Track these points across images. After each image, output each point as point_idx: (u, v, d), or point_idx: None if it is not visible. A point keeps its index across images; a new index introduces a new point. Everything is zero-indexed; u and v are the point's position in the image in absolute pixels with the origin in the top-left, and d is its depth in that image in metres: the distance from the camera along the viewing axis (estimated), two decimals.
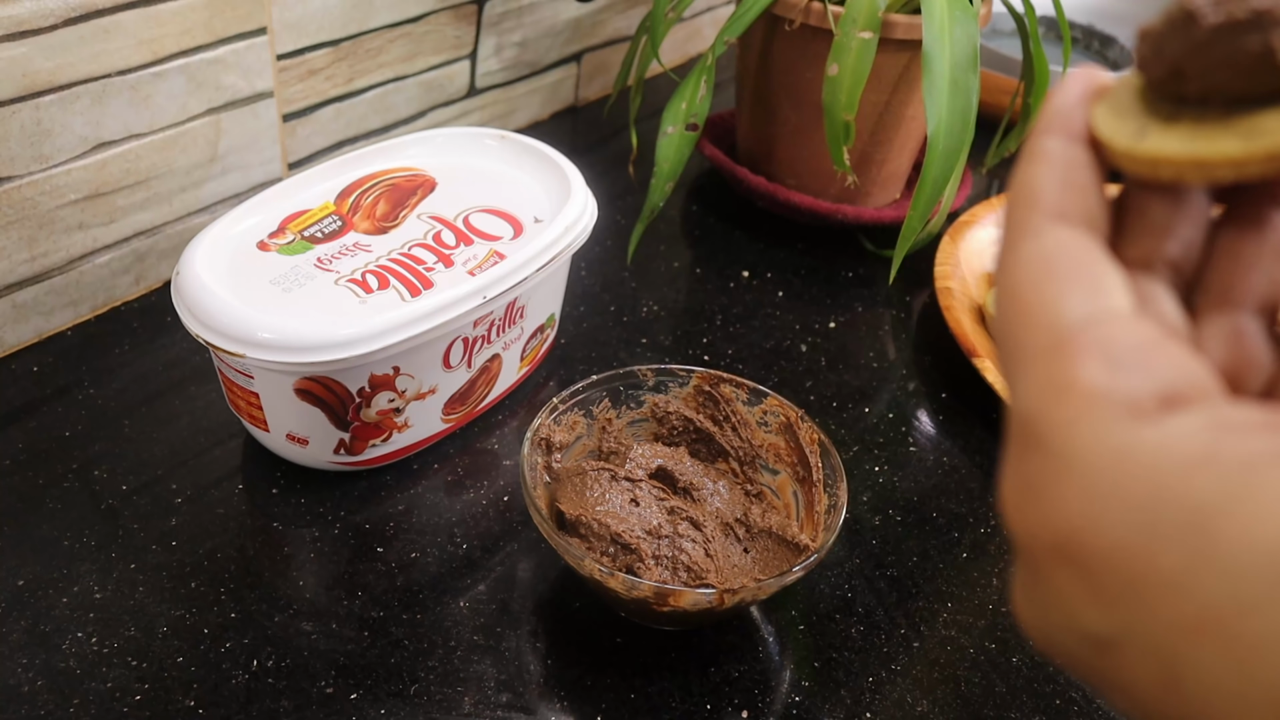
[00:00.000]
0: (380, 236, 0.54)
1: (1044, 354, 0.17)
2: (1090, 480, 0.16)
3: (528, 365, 0.60)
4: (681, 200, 0.81)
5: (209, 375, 0.58)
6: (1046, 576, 0.17)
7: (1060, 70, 0.77)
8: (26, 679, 0.43)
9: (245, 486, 0.53)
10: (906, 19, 0.65)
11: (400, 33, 0.71)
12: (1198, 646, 0.15)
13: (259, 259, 0.51)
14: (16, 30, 0.51)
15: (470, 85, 0.80)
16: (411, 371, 0.50)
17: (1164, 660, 0.15)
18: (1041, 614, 0.18)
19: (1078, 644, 0.17)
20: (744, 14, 0.66)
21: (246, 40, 0.61)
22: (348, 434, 0.51)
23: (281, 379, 0.48)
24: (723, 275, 0.73)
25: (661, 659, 0.47)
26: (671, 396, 0.53)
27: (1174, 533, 0.15)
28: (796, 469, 0.51)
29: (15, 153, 0.53)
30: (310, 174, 0.56)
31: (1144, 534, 0.15)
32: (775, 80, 0.72)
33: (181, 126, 0.60)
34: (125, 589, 0.47)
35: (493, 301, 0.50)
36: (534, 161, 0.60)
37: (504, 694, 0.45)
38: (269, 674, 0.44)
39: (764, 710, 0.45)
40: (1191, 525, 0.15)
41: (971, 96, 0.59)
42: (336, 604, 0.47)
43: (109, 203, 0.59)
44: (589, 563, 0.43)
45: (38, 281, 0.58)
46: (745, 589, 0.43)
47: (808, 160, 0.74)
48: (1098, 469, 0.16)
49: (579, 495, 0.49)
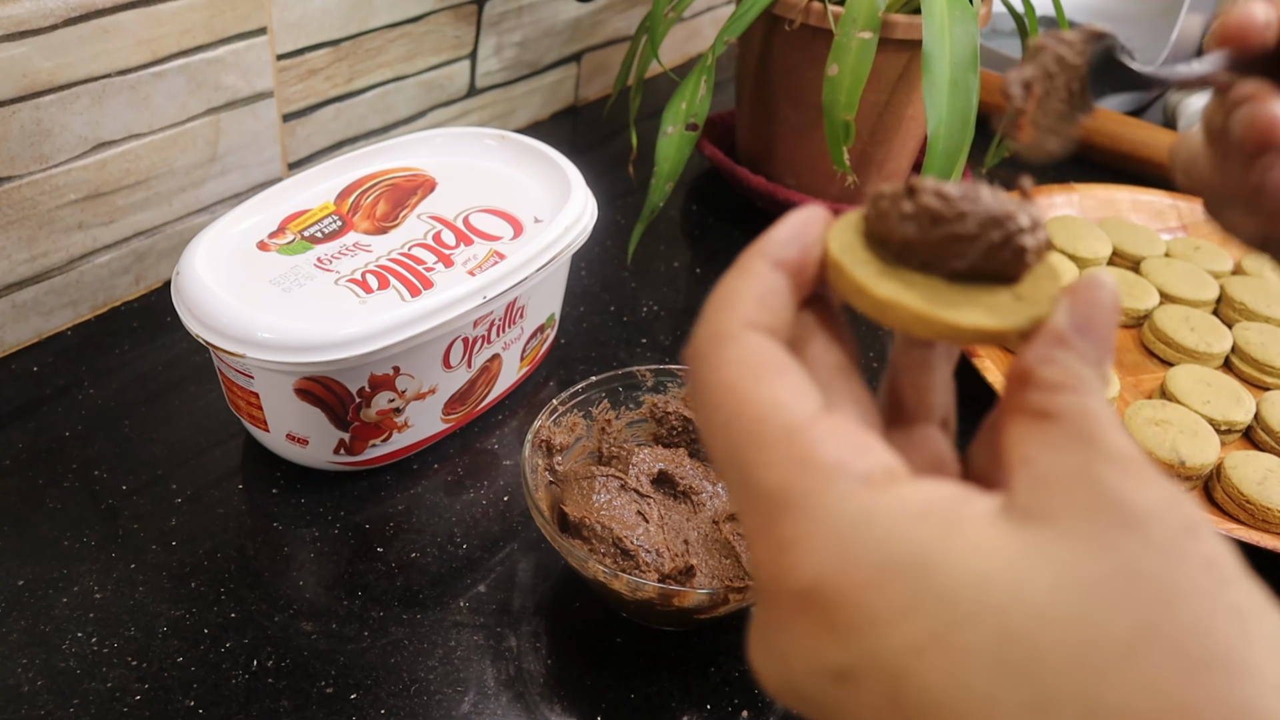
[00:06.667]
0: (380, 236, 0.53)
1: (780, 438, 0.20)
2: (835, 534, 0.19)
3: (528, 365, 0.60)
4: (681, 200, 0.81)
5: (209, 375, 0.58)
6: (789, 623, 0.20)
7: None
8: (26, 679, 0.43)
9: (245, 486, 0.53)
10: (906, 19, 0.65)
11: (400, 33, 0.71)
12: (922, 661, 0.18)
13: (259, 259, 0.51)
14: (16, 30, 0.51)
15: (470, 85, 0.80)
16: (411, 371, 0.50)
17: (893, 680, 0.18)
18: (782, 660, 0.20)
19: (816, 680, 0.20)
20: (744, 14, 0.66)
21: (246, 40, 0.61)
22: (348, 434, 0.51)
23: (281, 379, 0.48)
24: (722, 275, 0.72)
25: (661, 659, 0.47)
26: (670, 397, 0.53)
27: (902, 570, 0.18)
28: None
29: (15, 153, 0.53)
30: (310, 174, 0.56)
31: (878, 574, 0.18)
32: (775, 80, 0.72)
33: (181, 126, 0.60)
34: (125, 589, 0.47)
35: (493, 301, 0.50)
36: (534, 161, 0.60)
37: (504, 694, 0.45)
38: (269, 674, 0.44)
39: (764, 710, 0.45)
40: (916, 563, 0.18)
41: (971, 96, 0.59)
42: (336, 604, 0.47)
43: (109, 203, 0.59)
44: (592, 564, 0.43)
45: (38, 281, 0.58)
46: (748, 588, 0.43)
47: (808, 160, 0.74)
48: (841, 525, 0.19)
49: (584, 498, 0.49)
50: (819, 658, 0.19)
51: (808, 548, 0.19)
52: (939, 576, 0.18)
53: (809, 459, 0.20)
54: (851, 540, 0.19)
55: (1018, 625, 0.17)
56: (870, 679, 0.18)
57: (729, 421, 0.21)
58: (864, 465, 0.20)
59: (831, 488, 0.19)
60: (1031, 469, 0.19)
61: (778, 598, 0.20)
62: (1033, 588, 0.17)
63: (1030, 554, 0.18)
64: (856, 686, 0.19)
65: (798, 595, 0.19)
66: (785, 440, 0.20)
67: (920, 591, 0.18)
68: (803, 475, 0.20)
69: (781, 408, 0.21)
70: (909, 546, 0.18)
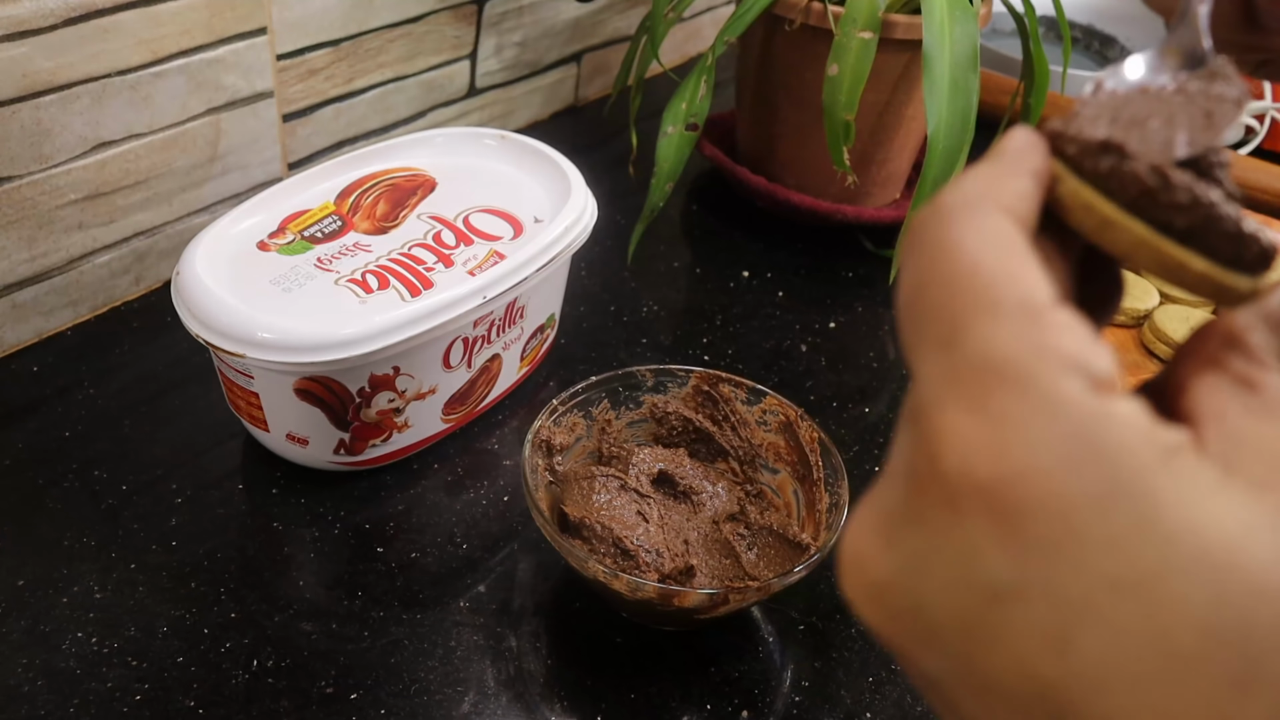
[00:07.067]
0: (380, 236, 0.53)
1: (1018, 311, 0.18)
2: (1068, 431, 0.17)
3: (528, 365, 0.60)
4: (681, 200, 0.81)
5: (209, 375, 0.58)
6: (952, 518, 0.17)
7: (1060, 70, 0.77)
8: (26, 679, 0.43)
9: (245, 486, 0.53)
10: (906, 19, 0.65)
11: (400, 33, 0.71)
12: (1118, 600, 0.16)
13: (259, 259, 0.51)
14: (16, 30, 0.51)
15: (470, 85, 0.80)
16: (411, 371, 0.50)
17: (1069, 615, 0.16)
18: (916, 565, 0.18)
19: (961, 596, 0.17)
20: (744, 14, 0.66)
21: (246, 40, 0.61)
22: (348, 434, 0.51)
23: (281, 379, 0.48)
24: (723, 275, 0.73)
25: (661, 659, 0.47)
26: (670, 397, 0.53)
27: (1130, 498, 0.16)
28: (797, 468, 0.51)
29: (15, 153, 0.53)
30: (310, 174, 0.56)
31: (1105, 494, 0.16)
32: (775, 80, 0.72)
33: (181, 126, 0.60)
34: (125, 589, 0.47)
35: (493, 301, 0.50)
36: (534, 161, 0.60)
37: (504, 694, 0.45)
38: (269, 674, 0.44)
39: (764, 710, 0.45)
40: (1142, 490, 0.16)
41: (971, 96, 0.59)
42: (336, 604, 0.47)
43: (109, 203, 0.59)
44: (592, 564, 0.43)
45: (38, 281, 0.58)
46: (748, 589, 0.43)
47: (808, 160, 0.74)
48: (1078, 424, 0.17)
49: (585, 498, 0.49)
50: (981, 568, 0.17)
51: (1028, 436, 0.17)
52: (1164, 513, 0.16)
53: (1047, 342, 0.17)
54: (1083, 446, 0.16)
55: (1237, 590, 0.15)
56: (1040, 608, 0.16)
57: (955, 278, 0.19)
58: (1099, 366, 0.17)
59: (1066, 380, 0.17)
60: (1225, 426, 0.17)
61: (943, 484, 0.17)
62: (1259, 554, 0.16)
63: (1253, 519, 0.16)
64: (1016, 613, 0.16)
65: (980, 486, 0.17)
66: (1023, 315, 0.18)
67: (1142, 526, 0.16)
68: (1039, 356, 0.17)
69: (1024, 283, 0.18)
70: (1140, 473, 0.16)
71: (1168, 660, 0.15)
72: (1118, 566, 0.16)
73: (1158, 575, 0.16)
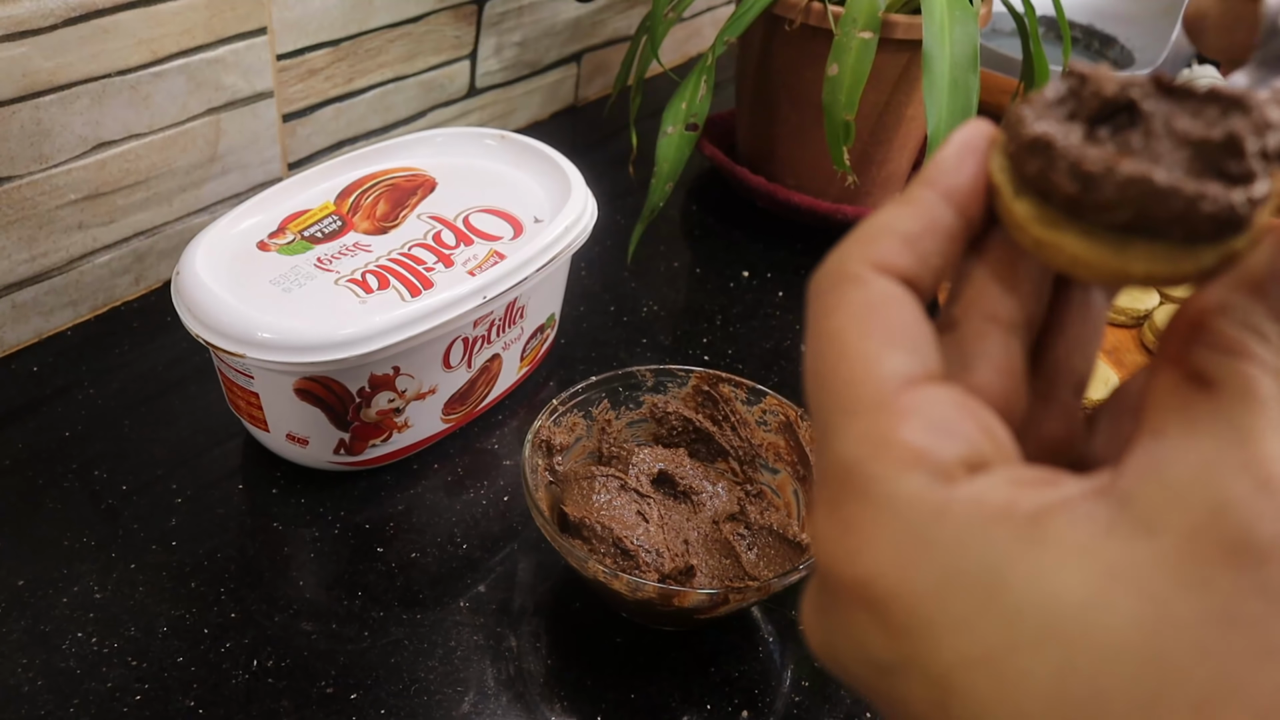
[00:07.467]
0: (380, 236, 0.53)
1: (868, 408, 0.19)
2: (899, 531, 0.18)
3: (528, 365, 0.60)
4: (681, 200, 0.81)
5: (209, 375, 0.58)
6: (842, 607, 0.19)
7: (1060, 70, 0.77)
8: (26, 679, 0.43)
9: (245, 486, 0.53)
10: (906, 19, 0.65)
11: (400, 33, 0.71)
12: (972, 676, 0.17)
13: (259, 259, 0.51)
14: (16, 30, 0.51)
15: (470, 85, 0.80)
16: (411, 371, 0.50)
17: (940, 687, 0.17)
18: (830, 636, 0.19)
19: (861, 666, 0.19)
20: (744, 14, 0.66)
21: (246, 40, 0.61)
22: (348, 434, 0.51)
23: (281, 379, 0.48)
24: (723, 275, 0.73)
25: (661, 659, 0.47)
26: (670, 397, 0.53)
27: (967, 582, 0.17)
28: (797, 467, 0.51)
29: (15, 153, 0.53)
30: (310, 174, 0.56)
31: (940, 582, 0.17)
32: (775, 80, 0.72)
33: (181, 126, 0.60)
34: (125, 589, 0.47)
35: (493, 301, 0.50)
36: (534, 161, 0.60)
37: (504, 694, 0.45)
38: (269, 674, 0.44)
39: (764, 710, 0.45)
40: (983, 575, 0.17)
41: (971, 96, 0.59)
42: (336, 604, 0.47)
43: (109, 203, 0.59)
44: (592, 564, 0.43)
45: (38, 281, 0.58)
46: (748, 588, 0.43)
47: (808, 160, 0.74)
48: (908, 523, 0.18)
49: (585, 498, 0.49)
50: (869, 649, 0.18)
51: (869, 539, 0.18)
52: (1007, 592, 0.16)
53: (889, 439, 0.18)
54: (916, 542, 0.17)
55: (1084, 658, 0.16)
56: (917, 682, 0.17)
57: (824, 375, 0.19)
58: (946, 453, 0.18)
59: (904, 479, 0.18)
60: (1155, 449, 0.17)
61: (833, 578, 0.19)
62: (1110, 619, 0.16)
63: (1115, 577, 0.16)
64: (900, 683, 0.18)
65: (852, 584, 0.18)
66: (871, 411, 0.18)
67: (984, 606, 0.17)
68: (877, 457, 0.18)
69: (877, 371, 0.19)
70: (978, 557, 0.17)
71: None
72: (969, 645, 0.17)
73: (1007, 649, 0.16)
